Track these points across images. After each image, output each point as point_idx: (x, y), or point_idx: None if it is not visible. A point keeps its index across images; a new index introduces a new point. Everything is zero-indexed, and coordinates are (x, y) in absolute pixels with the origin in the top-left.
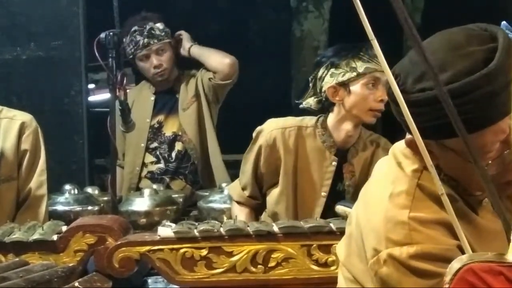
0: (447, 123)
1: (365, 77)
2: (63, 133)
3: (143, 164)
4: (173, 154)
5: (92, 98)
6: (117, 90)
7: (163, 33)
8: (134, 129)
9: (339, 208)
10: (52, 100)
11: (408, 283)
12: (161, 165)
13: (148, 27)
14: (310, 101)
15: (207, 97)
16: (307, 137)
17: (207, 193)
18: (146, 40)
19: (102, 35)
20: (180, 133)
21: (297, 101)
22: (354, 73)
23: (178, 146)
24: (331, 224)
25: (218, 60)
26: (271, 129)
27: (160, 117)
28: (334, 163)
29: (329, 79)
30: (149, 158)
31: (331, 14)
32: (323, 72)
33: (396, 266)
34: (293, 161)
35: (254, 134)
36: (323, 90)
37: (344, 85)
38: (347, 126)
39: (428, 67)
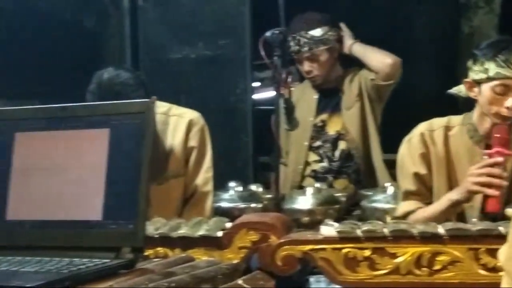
0: None
1: (495, 81)
2: (229, 130)
3: (307, 163)
4: (337, 153)
5: (257, 96)
6: (282, 88)
7: (318, 41)
8: (298, 128)
9: (509, 211)
10: (218, 98)
11: None
12: (325, 164)
13: (298, 36)
14: (461, 88)
15: (370, 96)
16: (455, 135)
17: (371, 193)
18: (296, 47)
19: (268, 33)
20: (343, 132)
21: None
22: (485, 75)
23: (342, 145)
24: (500, 228)
25: (379, 60)
26: (419, 133)
27: (323, 116)
28: (485, 157)
29: (469, 73)
30: (313, 157)
31: (503, 9)
32: (469, 64)
33: None
34: (445, 162)
35: (403, 144)
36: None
37: (478, 83)
38: (487, 124)
39: None
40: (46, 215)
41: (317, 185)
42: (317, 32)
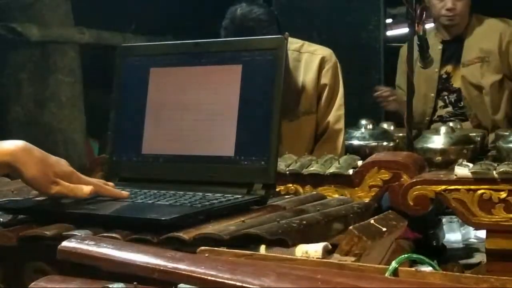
0: None
1: None
2: (361, 68)
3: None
4: (463, 102)
5: (389, 33)
6: (416, 25)
7: None
8: (423, 79)
9: None
10: (350, 35)
11: None
12: (449, 109)
13: None
14: None
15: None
16: None
17: (507, 133)
18: None
19: None
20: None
21: None
22: None
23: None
24: None
25: None
26: None
27: (448, 68)
28: None
29: None
30: (438, 103)
31: None
32: None
33: None
34: None
35: None
36: None
37: None
38: None
39: None
40: (179, 150)
41: (451, 124)
42: None
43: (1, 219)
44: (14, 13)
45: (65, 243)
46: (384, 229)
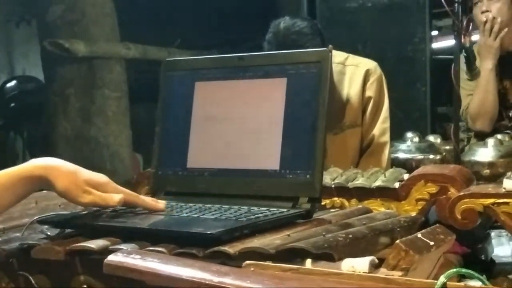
0: None
1: None
2: (406, 80)
3: None
4: None
5: (435, 45)
6: (462, 36)
7: None
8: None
9: None
10: (395, 47)
11: None
12: (505, 122)
13: None
14: None
15: None
16: None
17: None
18: None
19: None
20: None
21: None
22: None
23: None
24: None
25: None
26: None
27: (505, 83)
28: None
29: None
30: None
31: None
32: None
33: None
34: None
35: None
36: None
37: None
38: None
39: None
40: (225, 164)
41: (499, 136)
42: None
43: (48, 233)
44: (61, 30)
45: (111, 257)
46: (432, 243)
